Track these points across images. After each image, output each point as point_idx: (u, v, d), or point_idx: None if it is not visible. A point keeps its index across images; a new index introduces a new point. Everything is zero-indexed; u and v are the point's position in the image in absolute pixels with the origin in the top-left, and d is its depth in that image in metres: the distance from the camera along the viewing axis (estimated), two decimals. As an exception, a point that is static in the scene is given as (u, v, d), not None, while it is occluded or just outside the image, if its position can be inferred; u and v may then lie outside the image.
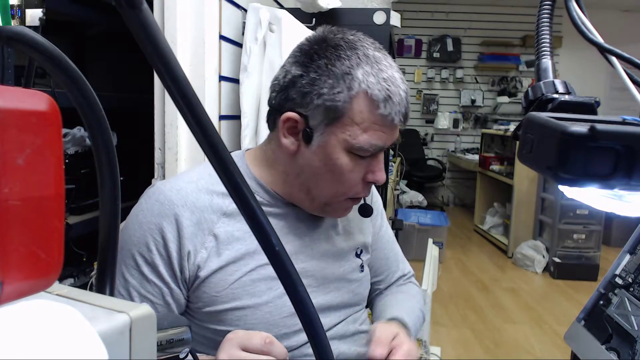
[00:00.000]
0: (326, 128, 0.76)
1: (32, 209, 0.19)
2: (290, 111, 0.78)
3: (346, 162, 0.77)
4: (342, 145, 0.76)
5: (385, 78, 0.75)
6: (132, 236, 0.78)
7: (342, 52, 0.76)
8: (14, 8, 1.26)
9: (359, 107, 0.75)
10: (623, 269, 0.74)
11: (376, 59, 0.76)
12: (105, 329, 0.23)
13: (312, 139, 0.77)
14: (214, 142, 0.27)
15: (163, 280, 0.77)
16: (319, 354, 0.32)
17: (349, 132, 0.75)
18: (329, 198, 0.81)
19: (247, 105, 1.53)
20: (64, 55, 0.25)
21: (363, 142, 0.75)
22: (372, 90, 0.74)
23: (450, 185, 6.77)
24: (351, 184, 0.80)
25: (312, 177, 0.80)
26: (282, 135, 0.80)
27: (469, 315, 3.23)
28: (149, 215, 0.78)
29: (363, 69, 0.75)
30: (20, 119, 0.19)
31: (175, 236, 0.77)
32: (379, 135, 0.76)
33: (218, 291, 0.78)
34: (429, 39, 6.49)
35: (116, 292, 0.76)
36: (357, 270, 0.94)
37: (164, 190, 0.80)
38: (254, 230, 0.29)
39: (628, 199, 0.38)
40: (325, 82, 0.75)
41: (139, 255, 0.77)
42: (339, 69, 0.75)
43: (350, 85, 0.74)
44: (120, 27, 0.67)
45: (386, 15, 1.71)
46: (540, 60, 0.45)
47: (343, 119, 0.75)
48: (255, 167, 0.86)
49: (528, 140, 0.37)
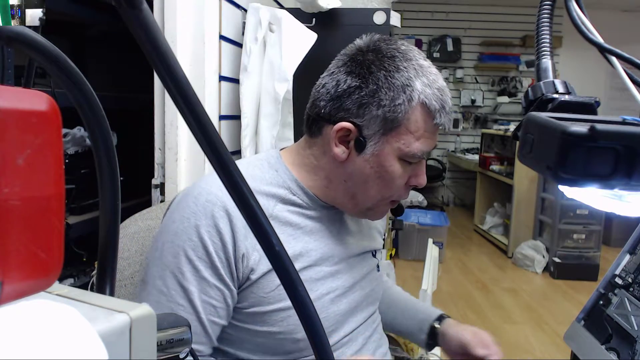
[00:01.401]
0: (382, 137, 0.79)
1: (32, 209, 0.19)
2: (344, 121, 0.79)
3: (397, 169, 0.80)
4: (395, 153, 0.79)
5: (439, 88, 0.79)
6: (189, 240, 0.75)
7: (399, 63, 0.78)
8: (14, 8, 1.26)
9: (416, 117, 0.78)
10: (623, 269, 0.74)
11: (428, 69, 0.80)
12: (105, 329, 0.23)
13: (366, 147, 0.79)
14: (214, 142, 0.27)
15: (224, 282, 0.76)
16: (319, 354, 0.32)
17: (404, 140, 0.78)
18: (374, 203, 0.84)
19: (247, 105, 1.53)
20: (64, 55, 0.25)
21: (416, 149, 0.79)
22: (430, 101, 0.77)
23: (450, 185, 6.77)
24: (398, 188, 0.82)
25: (361, 184, 0.82)
26: (333, 144, 0.81)
27: (469, 315, 3.23)
28: (203, 217, 0.76)
29: (421, 80, 0.78)
30: (20, 119, 0.19)
31: (231, 237, 0.76)
32: (429, 143, 0.80)
33: (266, 292, 0.78)
34: (429, 39, 6.49)
35: (173, 305, 0.74)
36: (375, 270, 0.98)
37: (212, 190, 0.78)
38: (254, 230, 0.29)
39: (628, 199, 0.38)
40: (386, 93, 0.77)
41: (198, 260, 0.75)
42: (399, 81, 0.77)
43: (410, 97, 0.77)
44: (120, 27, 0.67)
45: (386, 15, 1.71)
46: (540, 60, 0.45)
47: (399, 129, 0.78)
48: (294, 169, 0.86)
49: (528, 140, 0.37)
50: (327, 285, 0.84)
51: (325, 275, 0.84)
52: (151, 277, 0.77)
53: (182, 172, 1.45)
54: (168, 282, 0.75)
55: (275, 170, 0.85)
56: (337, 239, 0.88)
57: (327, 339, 0.32)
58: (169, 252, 0.76)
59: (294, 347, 0.80)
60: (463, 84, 6.59)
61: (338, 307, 0.85)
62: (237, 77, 1.56)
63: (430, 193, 6.44)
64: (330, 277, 0.85)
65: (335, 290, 0.85)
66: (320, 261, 0.84)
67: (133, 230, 0.97)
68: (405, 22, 5.75)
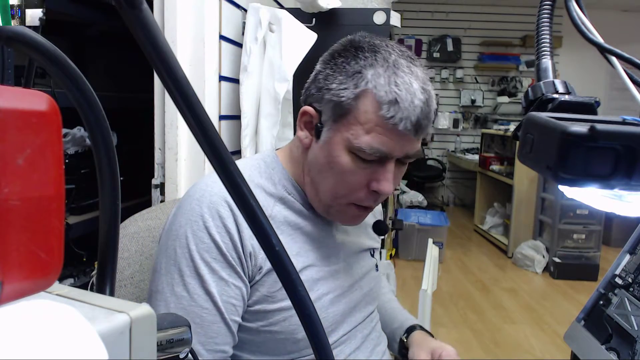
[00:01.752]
0: (333, 124, 0.77)
1: (32, 209, 0.19)
2: (308, 105, 0.80)
3: (346, 162, 0.76)
4: (344, 143, 0.75)
5: (397, 82, 0.73)
6: (201, 243, 0.74)
7: (361, 53, 0.76)
8: (14, 8, 1.26)
9: (365, 107, 0.73)
10: (623, 269, 0.74)
11: (397, 64, 0.74)
12: (105, 329, 0.23)
13: (321, 134, 0.78)
14: (214, 142, 0.27)
15: (242, 279, 0.76)
16: (319, 354, 0.32)
17: (352, 131, 0.74)
18: (330, 199, 0.80)
19: (247, 105, 1.53)
20: (64, 55, 0.25)
21: (363, 143, 0.73)
22: (379, 91, 0.72)
23: (450, 185, 6.77)
24: (352, 187, 0.78)
25: (317, 174, 0.80)
26: (299, 128, 0.82)
27: (469, 315, 3.23)
28: (210, 218, 0.75)
29: (375, 70, 0.74)
30: (20, 119, 0.19)
31: (237, 236, 0.76)
32: (382, 140, 0.73)
33: (271, 291, 0.78)
34: (429, 39, 6.49)
35: (198, 310, 0.74)
36: (374, 269, 0.97)
37: (214, 191, 0.78)
38: (255, 230, 0.29)
39: (628, 199, 0.38)
40: (337, 78, 0.76)
41: (214, 261, 0.74)
42: (352, 68, 0.75)
43: (357, 84, 0.74)
44: (120, 27, 0.67)
45: (386, 15, 1.71)
46: (540, 60, 0.45)
47: (348, 117, 0.75)
48: (289, 167, 0.87)
49: (528, 140, 0.37)
50: (327, 286, 0.84)
51: (324, 275, 0.84)
52: (165, 285, 0.75)
53: (182, 172, 1.45)
54: (189, 287, 0.74)
55: (272, 169, 0.86)
56: (334, 238, 0.88)
57: (327, 340, 0.32)
58: (183, 257, 0.75)
59: (294, 348, 0.80)
60: (463, 84, 6.59)
61: (337, 308, 0.85)
62: (237, 77, 1.56)
63: (430, 193, 6.44)
64: (330, 277, 0.85)
65: (334, 290, 0.85)
66: (319, 261, 0.84)
67: (133, 230, 0.97)
68: (405, 22, 5.75)
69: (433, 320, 2.85)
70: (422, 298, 1.55)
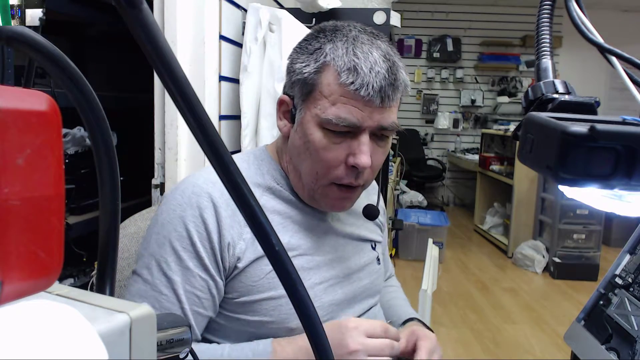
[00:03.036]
0: (303, 104, 0.78)
1: (32, 209, 0.19)
2: (284, 94, 0.82)
3: (319, 138, 0.76)
4: (314, 120, 0.76)
5: (356, 52, 0.74)
6: (174, 231, 0.76)
7: (322, 33, 0.79)
8: (14, 8, 1.26)
9: (327, 80, 0.75)
10: (623, 269, 0.74)
11: (357, 38, 0.76)
12: (105, 329, 0.23)
13: (295, 117, 0.80)
14: (214, 142, 0.27)
15: (209, 272, 0.76)
16: (318, 354, 0.32)
17: (320, 105, 0.75)
18: (311, 181, 0.80)
19: (247, 105, 1.53)
20: (64, 55, 0.25)
21: (331, 115, 0.74)
22: (337, 61, 0.74)
23: (450, 185, 6.77)
24: (329, 164, 0.77)
25: (297, 159, 0.81)
26: (278, 118, 0.83)
27: (469, 315, 3.23)
28: (188, 208, 0.77)
29: (334, 44, 0.76)
30: (20, 119, 0.19)
31: (215, 227, 0.76)
32: (348, 109, 0.74)
33: (255, 281, 0.78)
34: (429, 39, 6.49)
35: (156, 294, 0.75)
36: (375, 263, 0.96)
37: (198, 183, 0.80)
38: (254, 230, 0.29)
39: (628, 199, 0.38)
40: (299, 58, 0.78)
41: (183, 250, 0.76)
42: (313, 46, 0.78)
43: (317, 58, 0.76)
44: (120, 27, 0.67)
45: (386, 15, 1.71)
46: (540, 60, 0.45)
47: (314, 94, 0.76)
48: (276, 157, 0.88)
49: (528, 140, 0.37)
50: (320, 275, 0.84)
51: (317, 264, 0.84)
52: (138, 268, 0.78)
53: (182, 172, 1.45)
54: (153, 271, 0.76)
55: (261, 161, 0.87)
56: (330, 228, 0.88)
57: (327, 340, 0.32)
58: (155, 243, 0.77)
59: (289, 336, 0.80)
60: (463, 84, 6.59)
61: (333, 297, 0.85)
62: (237, 77, 1.56)
63: (430, 193, 6.45)
64: (323, 266, 0.85)
65: (329, 279, 0.85)
66: (311, 250, 0.84)
67: (133, 230, 0.97)
68: (405, 22, 5.75)
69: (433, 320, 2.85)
70: (422, 298, 1.55)
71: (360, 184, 0.81)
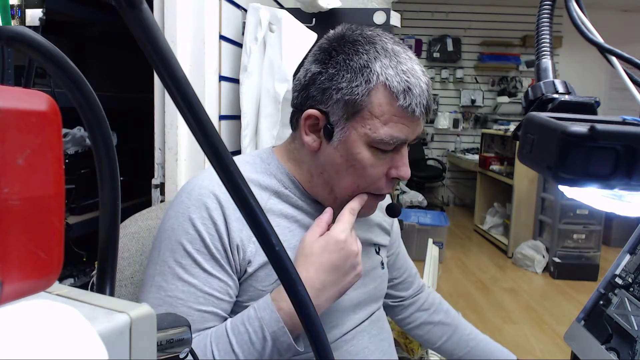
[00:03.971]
0: (347, 123, 0.76)
1: (32, 209, 0.19)
2: (311, 109, 0.79)
3: (368, 157, 0.77)
4: (363, 139, 0.76)
5: (404, 70, 0.75)
6: (185, 234, 0.75)
7: (360, 47, 0.76)
8: (14, 8, 1.26)
9: (378, 100, 0.74)
10: (623, 269, 0.74)
11: (395, 52, 0.76)
12: (105, 329, 0.23)
13: (333, 135, 0.78)
14: (214, 142, 0.27)
15: (227, 273, 0.76)
16: (319, 354, 0.32)
17: (369, 125, 0.75)
18: (348, 194, 0.80)
19: (247, 105, 1.53)
20: (64, 55, 0.25)
21: (384, 135, 0.75)
22: (391, 82, 0.74)
23: (450, 185, 6.77)
24: (373, 179, 0.79)
25: (334, 175, 0.80)
26: (303, 133, 0.81)
27: (469, 315, 3.23)
28: (196, 209, 0.76)
29: (381, 61, 0.75)
30: (20, 119, 0.19)
31: (225, 229, 0.76)
32: (400, 128, 0.75)
33: (265, 286, 0.77)
34: (429, 39, 6.49)
35: (172, 300, 0.73)
36: (379, 267, 0.95)
37: (205, 185, 0.78)
38: (254, 230, 0.29)
39: (628, 199, 0.38)
40: (344, 76, 0.75)
41: (197, 252, 0.75)
42: (357, 63, 0.75)
43: (368, 79, 0.74)
44: (120, 27, 0.67)
45: (386, 15, 1.71)
46: (540, 60, 0.45)
47: (363, 113, 0.75)
48: (285, 163, 0.86)
49: (528, 140, 0.37)
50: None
51: None
52: (149, 276, 0.77)
53: (182, 172, 1.45)
54: (168, 277, 0.75)
55: (268, 164, 0.86)
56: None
57: (328, 340, 0.32)
58: (167, 248, 0.76)
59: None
60: (463, 84, 6.59)
61: (337, 304, 0.83)
62: (237, 77, 1.56)
63: (430, 193, 6.45)
64: None
65: None
66: None
67: (133, 230, 0.97)
68: (405, 22, 5.75)
69: (433, 320, 2.84)
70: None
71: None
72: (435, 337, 1.09)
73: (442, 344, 1.09)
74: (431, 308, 1.11)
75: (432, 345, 1.10)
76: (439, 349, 1.10)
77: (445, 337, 1.09)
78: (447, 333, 1.09)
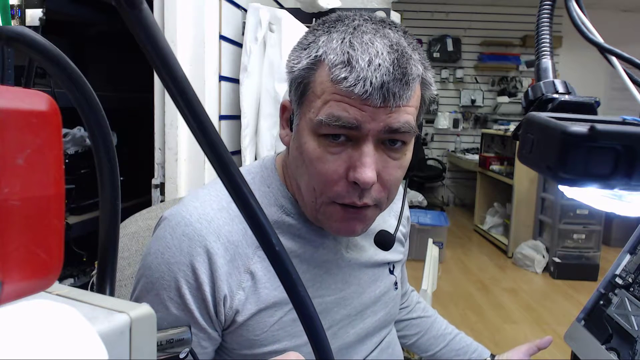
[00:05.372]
0: (299, 108, 0.66)
1: (32, 209, 0.19)
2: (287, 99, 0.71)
3: (313, 147, 0.63)
4: (308, 126, 0.64)
5: (353, 42, 0.60)
6: (161, 279, 0.67)
7: (322, 25, 0.66)
8: (14, 8, 1.26)
9: (320, 77, 0.62)
10: (623, 269, 0.74)
11: (359, 28, 0.62)
12: (105, 329, 0.23)
13: (293, 124, 0.69)
14: (214, 142, 0.27)
15: (199, 326, 0.68)
16: (319, 354, 0.32)
17: (313, 108, 0.63)
18: (311, 199, 0.68)
19: (247, 105, 1.53)
20: (64, 55, 0.25)
21: (323, 115, 0.61)
22: (329, 54, 0.61)
23: (450, 185, 6.77)
24: (325, 178, 0.64)
25: (296, 171, 0.69)
26: (281, 126, 0.73)
27: (469, 315, 3.23)
28: (177, 253, 0.67)
29: (330, 35, 0.62)
30: (20, 119, 0.19)
31: (209, 277, 0.66)
32: (343, 107, 0.60)
33: (257, 334, 0.70)
34: (429, 39, 6.49)
35: None
36: (392, 289, 0.86)
37: (191, 221, 0.68)
38: (254, 230, 0.29)
39: (628, 199, 0.38)
40: (293, 54, 0.67)
41: (169, 300, 0.67)
42: (308, 40, 0.65)
43: (309, 54, 0.63)
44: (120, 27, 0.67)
45: (386, 16, 1.71)
46: (540, 60, 0.45)
47: (308, 95, 0.64)
48: (287, 177, 0.75)
49: (528, 140, 0.37)
50: (330, 319, 0.76)
51: (327, 307, 0.76)
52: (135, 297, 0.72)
53: (182, 172, 1.45)
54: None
55: (268, 187, 0.75)
56: (343, 259, 0.78)
57: (328, 340, 0.32)
58: (143, 287, 0.69)
59: None
60: (463, 84, 6.59)
61: (343, 340, 0.77)
62: (237, 77, 1.56)
63: (430, 193, 6.44)
64: (334, 307, 0.77)
65: (339, 322, 0.77)
66: (321, 291, 0.75)
67: (133, 230, 0.97)
68: (405, 22, 5.75)
69: (433, 320, 2.84)
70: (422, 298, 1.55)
71: (368, 204, 0.66)
72: (411, 333, 1.07)
73: (416, 341, 1.07)
74: (410, 306, 1.09)
75: (407, 342, 1.07)
76: (413, 346, 1.08)
77: (422, 332, 1.07)
78: (423, 329, 1.07)
